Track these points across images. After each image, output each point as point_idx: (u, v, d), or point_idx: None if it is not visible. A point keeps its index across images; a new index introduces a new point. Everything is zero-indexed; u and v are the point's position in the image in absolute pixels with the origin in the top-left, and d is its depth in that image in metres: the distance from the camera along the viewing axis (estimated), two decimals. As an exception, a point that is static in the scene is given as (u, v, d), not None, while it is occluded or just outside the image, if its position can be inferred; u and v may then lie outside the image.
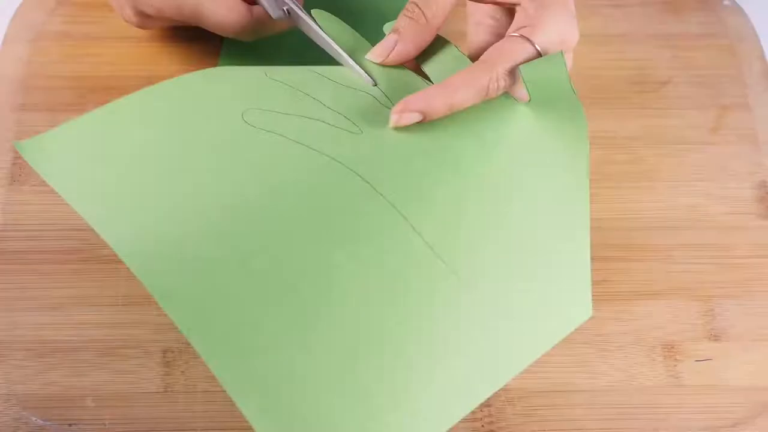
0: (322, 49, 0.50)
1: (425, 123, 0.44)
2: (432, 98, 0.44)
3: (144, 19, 0.55)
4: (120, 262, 0.51)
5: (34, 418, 0.47)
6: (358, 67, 0.48)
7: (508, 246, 0.43)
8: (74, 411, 0.47)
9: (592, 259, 0.53)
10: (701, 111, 0.59)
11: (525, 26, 0.45)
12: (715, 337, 0.51)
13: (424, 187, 0.42)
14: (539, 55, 0.45)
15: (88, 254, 0.52)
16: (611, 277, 0.52)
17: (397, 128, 0.44)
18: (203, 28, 0.54)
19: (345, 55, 0.48)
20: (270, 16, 0.52)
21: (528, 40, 0.45)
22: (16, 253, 0.52)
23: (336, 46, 0.49)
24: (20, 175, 0.54)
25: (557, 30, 0.45)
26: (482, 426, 0.47)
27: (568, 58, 0.48)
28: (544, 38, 0.45)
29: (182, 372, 0.48)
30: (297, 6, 0.51)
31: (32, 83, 0.58)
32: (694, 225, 0.54)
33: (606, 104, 0.59)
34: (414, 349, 0.39)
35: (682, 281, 0.52)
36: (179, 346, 0.49)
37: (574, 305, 0.45)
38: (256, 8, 0.53)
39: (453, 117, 0.45)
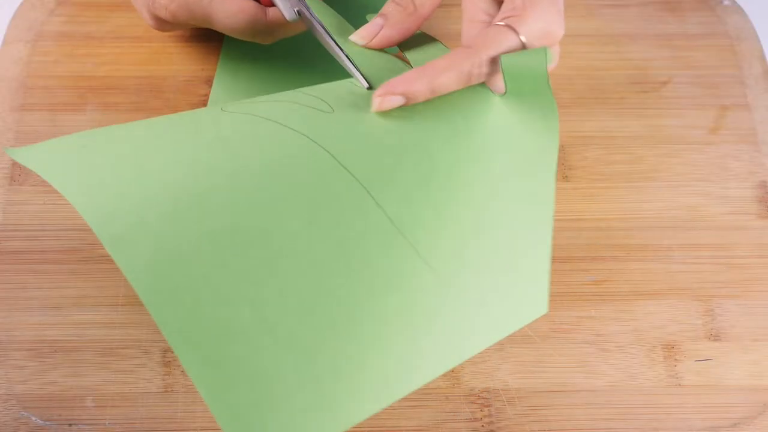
0: (324, 50, 0.50)
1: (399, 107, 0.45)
2: (414, 81, 0.44)
3: (161, 22, 0.55)
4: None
5: (34, 418, 0.47)
6: (356, 72, 0.48)
7: (469, 230, 0.43)
8: (74, 411, 0.47)
9: (592, 259, 0.53)
10: (701, 111, 0.59)
11: (511, 16, 0.45)
12: (715, 337, 0.51)
13: (390, 165, 0.43)
14: (523, 46, 0.45)
15: (87, 254, 0.52)
16: (611, 277, 0.52)
17: (379, 112, 0.44)
18: (218, 31, 0.54)
19: (346, 59, 0.48)
20: (285, 18, 0.51)
21: (513, 29, 0.45)
22: (15, 253, 0.52)
23: (338, 50, 0.49)
24: (20, 175, 0.54)
25: (543, 22, 0.45)
26: (482, 426, 0.47)
27: (555, 52, 0.48)
28: (528, 29, 0.45)
29: (182, 372, 0.48)
30: (306, 7, 0.51)
31: (32, 83, 0.58)
32: (694, 225, 0.54)
33: (606, 104, 0.59)
34: (365, 317, 0.40)
35: (682, 281, 0.52)
36: (179, 346, 0.49)
37: (530, 300, 0.44)
38: (271, 10, 0.52)
39: (425, 103, 0.45)
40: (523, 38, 0.45)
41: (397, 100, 0.44)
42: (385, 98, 0.44)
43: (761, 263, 0.53)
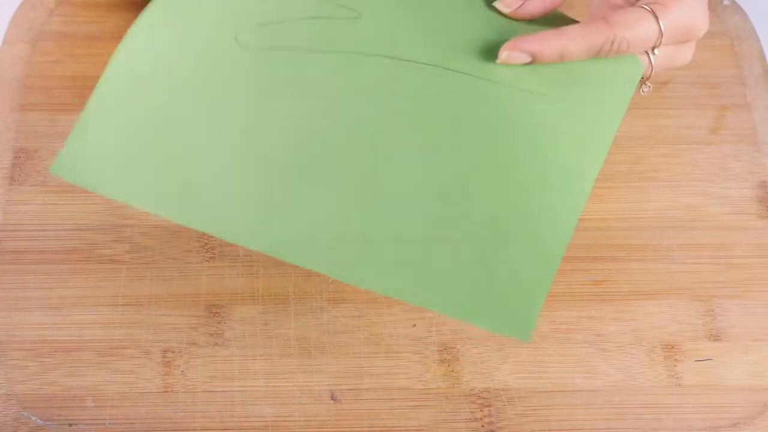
0: None
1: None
2: (546, 42, 0.43)
3: None
4: (119, 262, 0.51)
5: (34, 418, 0.47)
6: None
7: None
8: (74, 411, 0.47)
9: (592, 259, 0.53)
10: (701, 111, 0.59)
11: (655, 2, 0.44)
12: (715, 337, 0.51)
13: (458, 34, 0.44)
14: (660, 34, 0.44)
15: (88, 254, 0.52)
16: (611, 277, 0.52)
17: (505, 64, 0.44)
18: None
19: None
20: None
21: (654, 15, 0.44)
22: (16, 253, 0.52)
23: None
24: (20, 175, 0.54)
25: (687, 14, 0.44)
26: (482, 426, 0.47)
27: (691, 49, 0.47)
28: (671, 18, 0.44)
29: (182, 372, 0.48)
30: None
31: (32, 83, 0.58)
32: (694, 225, 0.54)
33: (606, 104, 0.59)
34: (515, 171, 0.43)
35: (682, 281, 0.52)
36: (179, 346, 0.49)
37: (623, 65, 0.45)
38: None
39: None
40: (662, 26, 0.44)
41: (524, 57, 0.43)
42: (512, 53, 0.43)
43: (761, 263, 0.53)
